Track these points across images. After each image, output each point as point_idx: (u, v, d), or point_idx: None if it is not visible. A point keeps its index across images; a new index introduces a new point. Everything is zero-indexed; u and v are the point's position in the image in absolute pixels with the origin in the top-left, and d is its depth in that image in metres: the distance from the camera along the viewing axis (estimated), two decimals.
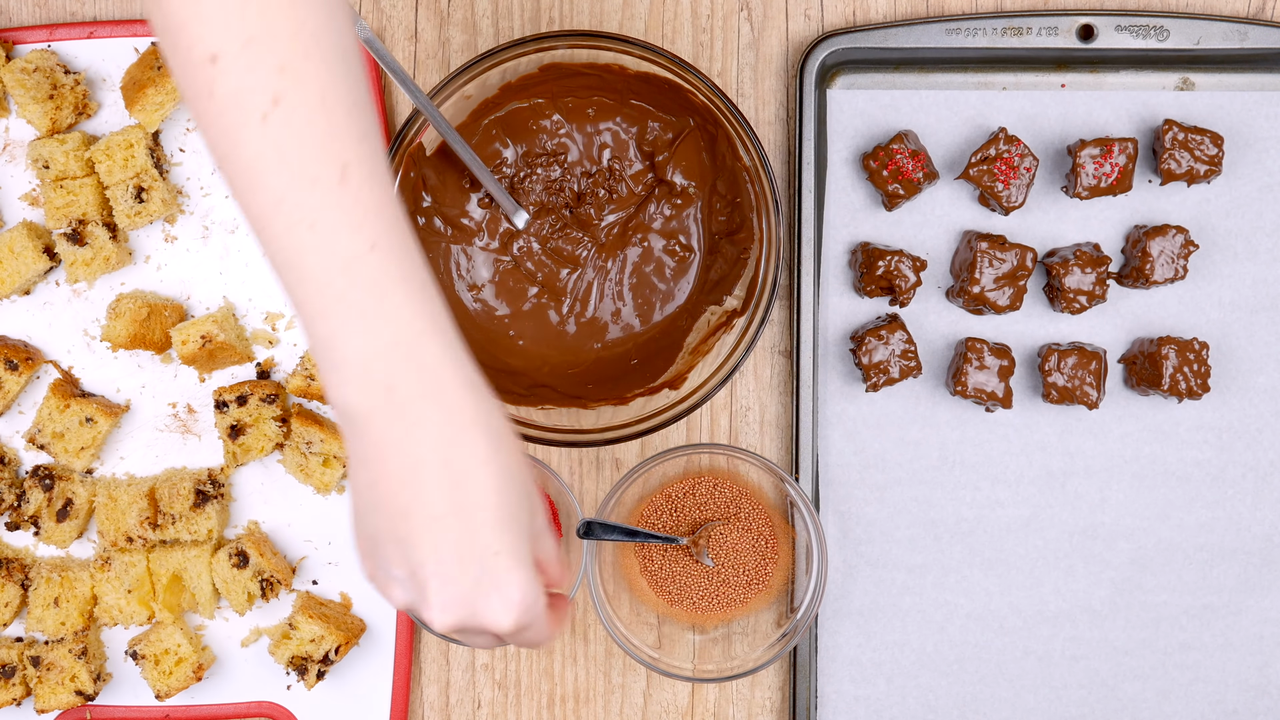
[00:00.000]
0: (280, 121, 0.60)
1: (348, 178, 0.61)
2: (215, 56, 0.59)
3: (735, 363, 0.92)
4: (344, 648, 0.98)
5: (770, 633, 0.98)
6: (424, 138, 0.94)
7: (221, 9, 0.59)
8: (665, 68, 0.91)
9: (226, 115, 0.60)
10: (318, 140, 0.60)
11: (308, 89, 0.60)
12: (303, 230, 0.61)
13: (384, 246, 0.62)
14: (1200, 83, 1.00)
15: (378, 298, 0.62)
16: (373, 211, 0.62)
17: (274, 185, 0.60)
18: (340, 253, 0.61)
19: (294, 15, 0.60)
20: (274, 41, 0.59)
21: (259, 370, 1.02)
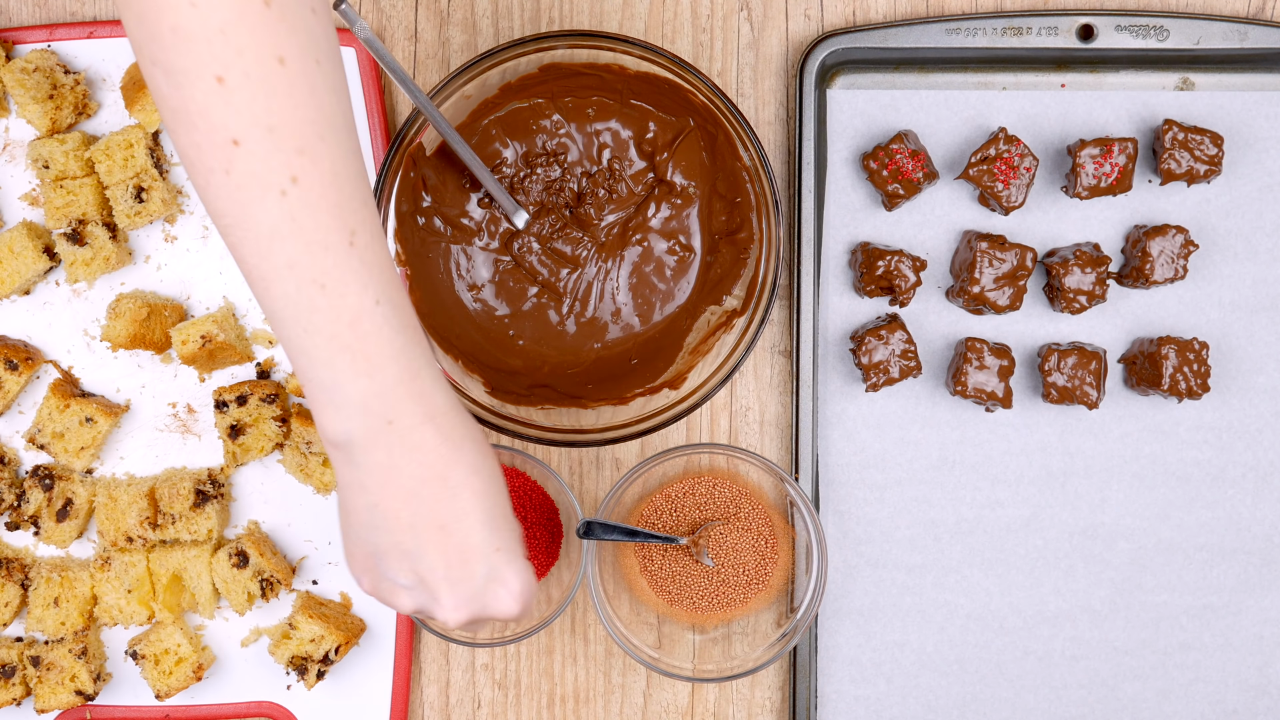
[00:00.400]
0: (297, 198, 0.64)
1: (355, 241, 0.67)
2: (238, 140, 0.63)
3: (735, 363, 0.92)
4: (344, 648, 0.98)
5: (770, 633, 0.98)
6: (424, 138, 0.94)
7: (248, 97, 0.62)
8: (665, 68, 0.91)
9: (243, 191, 0.64)
10: (330, 211, 0.66)
11: (322, 167, 0.65)
12: (313, 290, 0.66)
13: (386, 300, 0.69)
14: (1200, 83, 1.00)
15: (381, 346, 0.69)
16: (376, 269, 0.68)
17: (287, 251, 0.66)
18: (349, 309, 0.67)
19: (314, 102, 0.64)
20: (296, 127, 0.64)
21: (259, 370, 1.02)
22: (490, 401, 0.95)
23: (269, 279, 0.67)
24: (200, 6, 0.60)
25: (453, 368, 0.96)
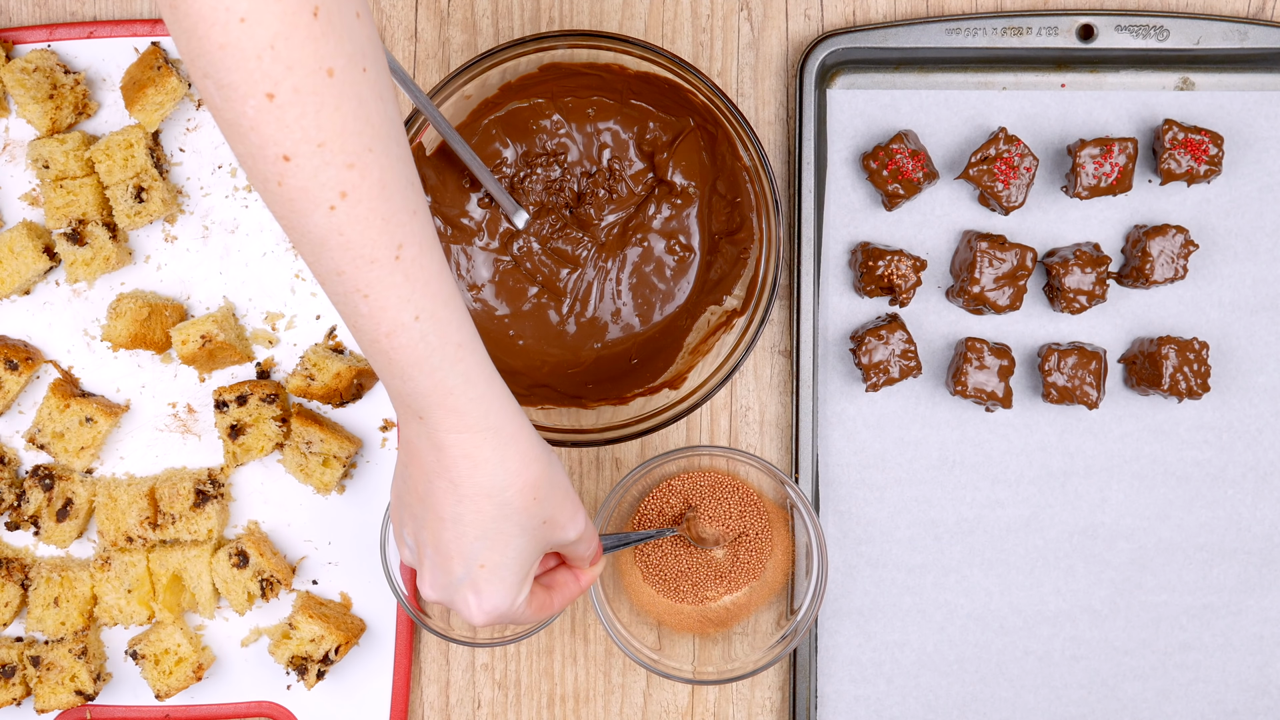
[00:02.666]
0: (345, 212, 0.65)
1: (402, 256, 0.67)
2: (288, 156, 0.63)
3: (735, 363, 0.92)
4: (344, 648, 0.98)
5: (770, 634, 0.98)
6: (424, 138, 0.94)
7: (298, 112, 0.62)
8: (665, 68, 0.92)
9: (295, 203, 0.65)
10: (378, 225, 0.66)
11: (371, 180, 0.65)
12: (357, 299, 0.68)
13: (427, 315, 0.69)
14: (1200, 83, 1.00)
15: (415, 361, 0.70)
16: (421, 283, 0.68)
17: (335, 260, 0.66)
18: (388, 320, 0.68)
19: (362, 113, 0.64)
20: (345, 141, 0.63)
21: (259, 370, 1.02)
22: None
23: (321, 279, 0.68)
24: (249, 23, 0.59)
25: None
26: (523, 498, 0.75)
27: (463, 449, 0.72)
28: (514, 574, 0.77)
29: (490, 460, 0.73)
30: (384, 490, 1.02)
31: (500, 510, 0.74)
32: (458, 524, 0.75)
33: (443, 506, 0.74)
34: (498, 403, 0.73)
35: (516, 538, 0.76)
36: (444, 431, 0.72)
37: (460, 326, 0.71)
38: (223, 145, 1.01)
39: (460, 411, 0.72)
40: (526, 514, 0.75)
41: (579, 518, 0.80)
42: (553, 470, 0.77)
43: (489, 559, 0.76)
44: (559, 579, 0.84)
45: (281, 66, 0.61)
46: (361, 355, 1.01)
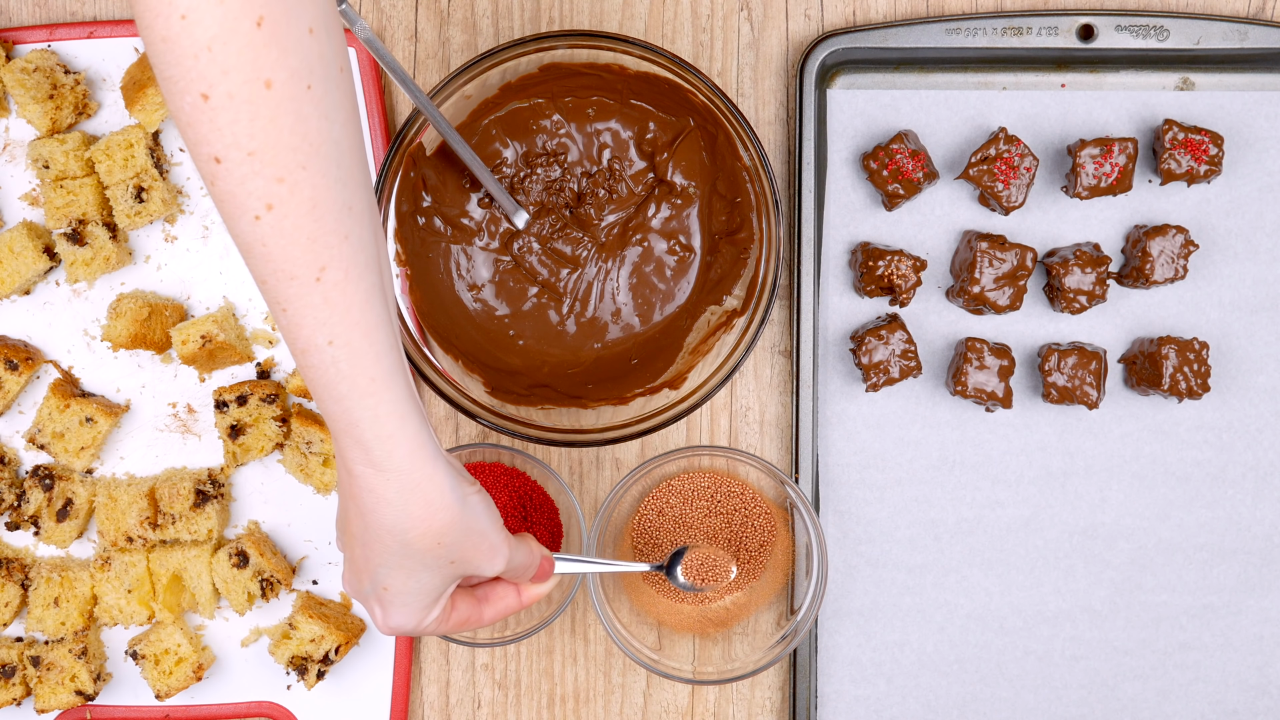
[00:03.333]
0: (270, 225, 0.64)
1: (324, 279, 0.66)
2: (219, 159, 0.63)
3: (735, 363, 0.92)
4: (344, 648, 0.98)
5: (770, 634, 0.98)
6: (424, 138, 0.94)
7: (230, 118, 0.62)
8: (665, 68, 0.91)
9: (224, 205, 0.65)
10: (302, 243, 0.65)
11: (300, 197, 0.64)
12: (277, 310, 0.67)
13: (342, 343, 0.68)
14: (1200, 83, 1.00)
15: (325, 386, 0.69)
16: (340, 309, 0.68)
17: (257, 268, 0.66)
18: (303, 339, 0.68)
19: (299, 130, 0.63)
20: (276, 154, 0.63)
21: (259, 370, 1.02)
22: (490, 401, 0.95)
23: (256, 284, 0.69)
24: (189, 21, 0.60)
25: (453, 368, 0.96)
26: (425, 541, 0.74)
27: (366, 482, 0.72)
28: (417, 600, 0.77)
29: (393, 502, 0.72)
30: None
31: (403, 549, 0.74)
32: (364, 547, 0.75)
33: (352, 525, 0.75)
34: (406, 446, 0.72)
35: (420, 572, 0.75)
36: (353, 463, 0.72)
37: (378, 361, 0.70)
38: None
39: (364, 446, 0.71)
40: (430, 555, 0.75)
41: (497, 558, 0.78)
42: (466, 516, 0.75)
43: (391, 584, 0.76)
44: (496, 592, 0.83)
45: (217, 69, 0.61)
46: None
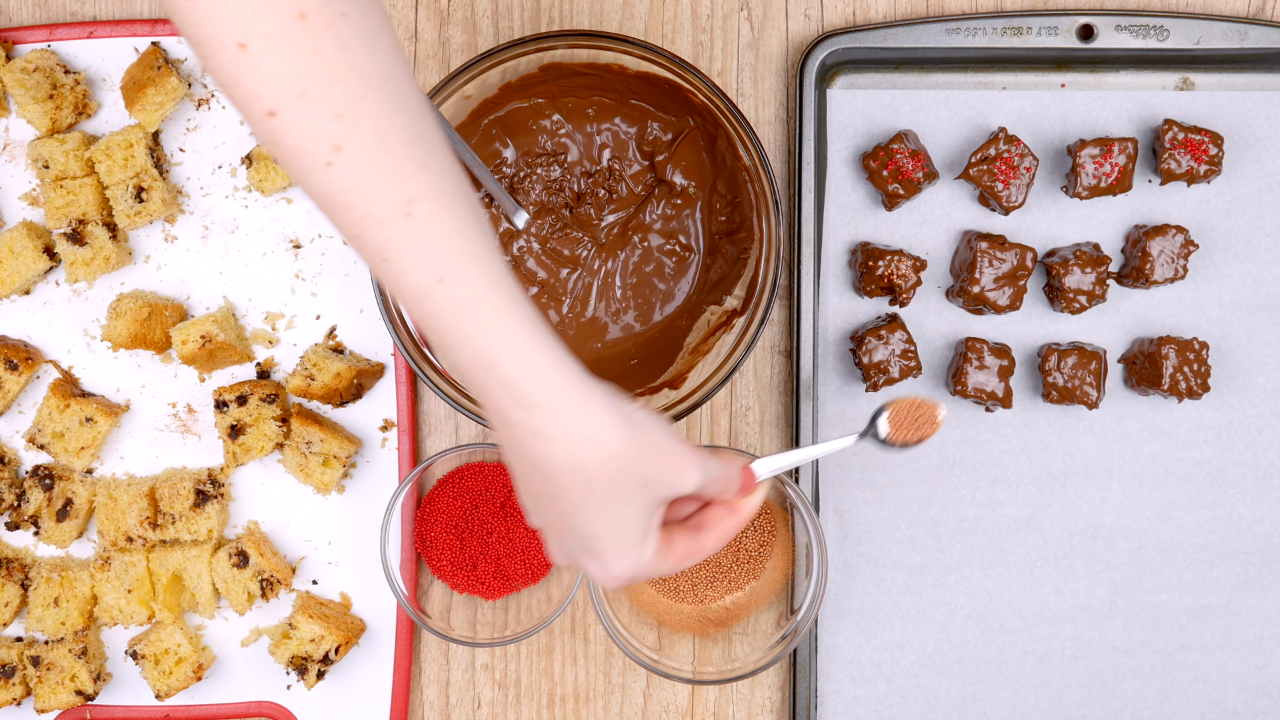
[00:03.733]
0: (342, 167, 0.61)
1: (413, 212, 0.63)
2: (273, 111, 0.60)
3: (735, 363, 0.92)
4: (344, 648, 0.98)
5: (770, 634, 0.98)
6: None
7: (273, 59, 0.59)
8: (665, 68, 0.92)
9: (294, 163, 0.61)
10: (380, 179, 0.62)
11: (365, 130, 0.61)
12: (378, 263, 0.63)
13: (453, 277, 0.64)
14: (1200, 83, 1.00)
15: (448, 329, 0.64)
16: (440, 242, 0.63)
17: (347, 222, 0.63)
18: (412, 285, 0.64)
19: (345, 59, 0.60)
20: (328, 90, 0.60)
21: (259, 370, 1.02)
22: None
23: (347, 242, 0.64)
24: None
25: None
26: (606, 470, 0.67)
27: (526, 426, 0.66)
28: (625, 538, 0.70)
29: (557, 438, 0.66)
30: (384, 490, 1.02)
31: (587, 486, 0.67)
32: (552, 502, 0.69)
33: (532, 483, 0.69)
34: (551, 373, 0.66)
35: (615, 506, 0.69)
36: (504, 409, 0.66)
37: (496, 288, 0.64)
38: (223, 145, 1.01)
39: (508, 385, 0.65)
40: (618, 483, 0.68)
41: (688, 470, 0.71)
42: (638, 431, 0.68)
43: (593, 529, 0.69)
44: (709, 517, 0.76)
45: (249, 11, 0.58)
46: (361, 355, 1.01)
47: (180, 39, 1.00)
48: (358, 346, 1.01)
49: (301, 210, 1.01)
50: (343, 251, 1.01)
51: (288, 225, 1.01)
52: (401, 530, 1.00)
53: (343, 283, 1.01)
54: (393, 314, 0.92)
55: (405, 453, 1.01)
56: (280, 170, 0.98)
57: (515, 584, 1.00)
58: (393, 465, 1.01)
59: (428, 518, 1.00)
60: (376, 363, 1.01)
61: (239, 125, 1.01)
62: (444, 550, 0.99)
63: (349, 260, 1.01)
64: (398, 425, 1.01)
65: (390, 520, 0.97)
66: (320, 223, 1.01)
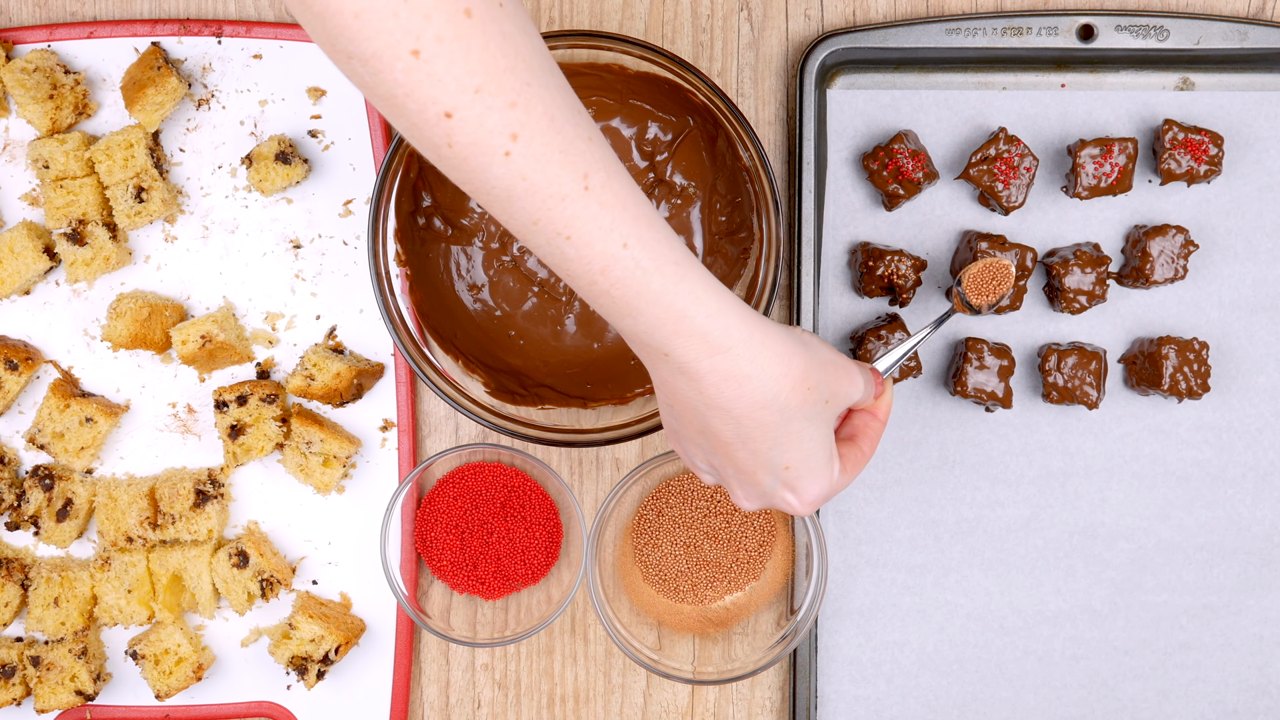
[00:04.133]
0: (522, 153, 0.63)
1: (590, 185, 0.65)
2: (450, 112, 0.61)
3: None
4: (344, 648, 0.98)
5: (770, 634, 0.98)
6: None
7: (447, 60, 0.60)
8: (665, 68, 0.91)
9: (470, 160, 0.63)
10: (557, 159, 0.64)
11: (537, 114, 0.63)
12: (561, 242, 0.65)
13: (635, 240, 0.66)
14: (1200, 83, 1.00)
15: (637, 291, 0.67)
16: (618, 209, 0.66)
17: (528, 208, 0.64)
18: (596, 257, 0.66)
19: (509, 48, 0.62)
20: (499, 80, 0.61)
21: (259, 370, 1.02)
22: (490, 401, 0.95)
23: (522, 235, 0.66)
24: None
25: (453, 368, 0.96)
26: (797, 394, 0.71)
27: (721, 373, 0.69)
28: (820, 460, 0.75)
29: (752, 374, 0.70)
30: (384, 490, 1.02)
31: (781, 415, 0.71)
32: (747, 444, 0.72)
33: (724, 434, 0.72)
34: (734, 312, 0.70)
35: (806, 428, 0.73)
36: (695, 361, 0.69)
37: (672, 244, 0.68)
38: (223, 145, 1.01)
39: (702, 334, 0.68)
40: (807, 405, 0.72)
41: (855, 378, 0.76)
42: (811, 349, 0.73)
43: (789, 458, 0.73)
44: (857, 425, 0.81)
45: (419, 16, 0.59)
46: (361, 355, 1.01)
47: (176, 41, 1.00)
48: (358, 346, 1.01)
49: (301, 210, 1.01)
50: (342, 251, 1.01)
51: (288, 225, 1.01)
52: (401, 530, 1.00)
53: (343, 283, 1.01)
54: (393, 314, 0.92)
55: (405, 453, 1.01)
56: (280, 170, 0.98)
57: (515, 584, 1.00)
58: (393, 465, 1.01)
59: (428, 518, 1.00)
60: (376, 363, 1.01)
61: (239, 125, 1.01)
62: (444, 550, 0.99)
63: (349, 260, 1.01)
64: (398, 425, 1.01)
65: (390, 520, 0.97)
66: (320, 222, 1.01)
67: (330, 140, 1.01)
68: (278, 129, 1.01)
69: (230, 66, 1.01)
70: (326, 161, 1.01)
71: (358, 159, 1.01)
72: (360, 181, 1.01)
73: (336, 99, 1.01)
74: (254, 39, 1.00)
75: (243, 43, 1.00)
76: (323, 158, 1.01)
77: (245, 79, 1.01)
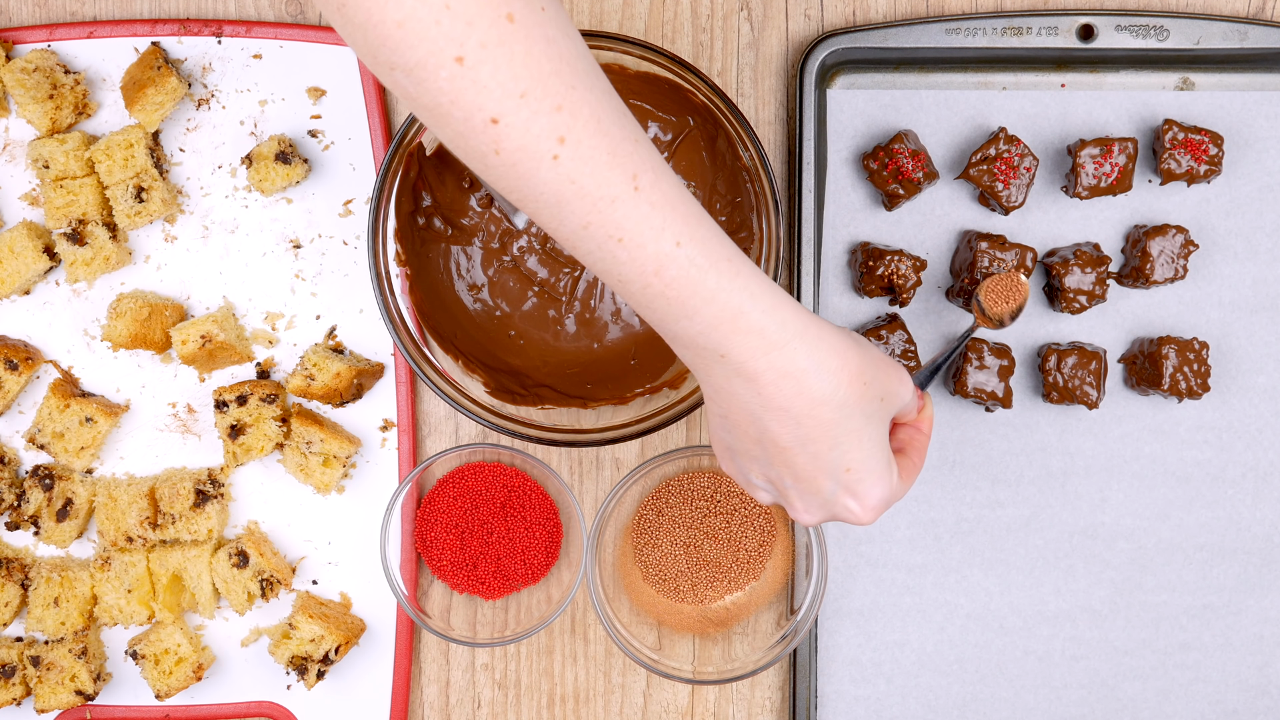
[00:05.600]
0: (569, 157, 0.63)
1: (640, 185, 0.65)
2: (496, 118, 0.61)
3: None
4: (344, 648, 0.98)
5: (770, 634, 0.98)
6: (424, 138, 0.94)
7: (491, 66, 0.60)
8: (665, 67, 0.91)
9: (518, 166, 0.62)
10: (605, 161, 0.63)
11: (583, 117, 0.63)
12: (613, 245, 0.65)
13: (688, 238, 0.66)
14: (1200, 83, 1.00)
15: (692, 289, 0.66)
16: (668, 208, 0.65)
17: (577, 213, 0.64)
18: (650, 258, 0.65)
19: (553, 51, 0.61)
20: (545, 84, 0.61)
21: (259, 370, 1.02)
22: (490, 401, 0.95)
23: (571, 242, 0.65)
24: None
25: (453, 368, 0.96)
26: (854, 388, 0.71)
27: (778, 370, 0.69)
28: (880, 461, 0.74)
29: (809, 369, 0.69)
30: (384, 490, 1.02)
31: (840, 412, 0.71)
32: (807, 446, 0.71)
33: (783, 437, 0.71)
34: (788, 306, 0.69)
35: (864, 427, 0.72)
36: (752, 360, 0.68)
37: (723, 241, 0.67)
38: (223, 145, 1.01)
39: (758, 330, 0.68)
40: (864, 401, 0.71)
41: (905, 378, 0.76)
42: (862, 346, 0.73)
43: (851, 460, 0.73)
44: (903, 439, 0.81)
45: (462, 24, 0.59)
46: (361, 355, 1.01)
47: (176, 41, 1.00)
48: (358, 346, 1.01)
49: (301, 210, 1.01)
50: (342, 251, 1.01)
51: (288, 225, 1.01)
52: (401, 530, 1.00)
53: (343, 283, 1.01)
54: (393, 314, 0.92)
55: (405, 453, 1.01)
56: (280, 170, 0.98)
57: (515, 584, 1.00)
58: (393, 465, 1.02)
59: (428, 518, 1.00)
60: (376, 363, 1.01)
61: (239, 125, 1.01)
62: (444, 550, 0.99)
63: (349, 260, 1.01)
64: (398, 425, 1.01)
65: (390, 520, 0.97)
66: (320, 222, 1.01)
67: (330, 140, 1.01)
68: (278, 129, 1.01)
69: (230, 66, 1.01)
70: (326, 161, 1.01)
71: (358, 159, 1.01)
72: (360, 181, 1.01)
73: (336, 99, 1.01)
74: (254, 39, 1.00)
75: (243, 43, 1.00)
76: (323, 158, 1.01)
77: (245, 79, 1.01)
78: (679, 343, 0.70)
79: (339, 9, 0.59)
